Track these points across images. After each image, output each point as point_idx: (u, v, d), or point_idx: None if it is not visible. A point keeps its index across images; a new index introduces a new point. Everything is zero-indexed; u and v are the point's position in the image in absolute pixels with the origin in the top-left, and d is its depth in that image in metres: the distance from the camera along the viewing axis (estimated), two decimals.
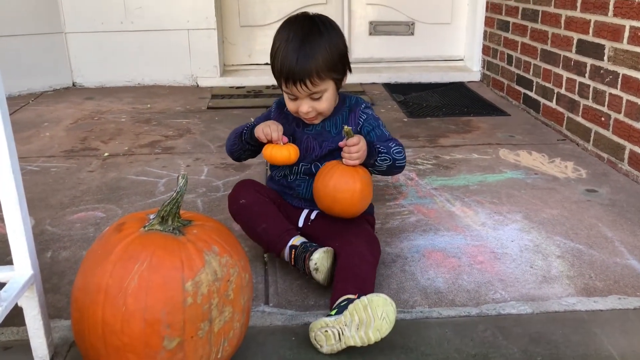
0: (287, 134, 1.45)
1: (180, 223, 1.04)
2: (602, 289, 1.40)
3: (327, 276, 1.33)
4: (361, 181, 1.36)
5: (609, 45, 2.23)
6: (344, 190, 1.35)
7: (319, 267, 1.31)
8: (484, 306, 1.33)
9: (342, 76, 1.43)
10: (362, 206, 1.39)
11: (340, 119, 1.48)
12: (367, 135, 1.47)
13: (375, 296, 1.12)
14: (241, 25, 3.75)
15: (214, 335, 0.99)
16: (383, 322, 1.10)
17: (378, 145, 1.43)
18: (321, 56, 1.34)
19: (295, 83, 1.35)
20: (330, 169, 1.38)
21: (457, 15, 3.84)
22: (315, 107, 1.40)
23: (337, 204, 1.37)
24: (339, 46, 1.40)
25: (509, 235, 1.66)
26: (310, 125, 1.48)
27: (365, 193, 1.38)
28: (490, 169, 2.18)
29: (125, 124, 2.79)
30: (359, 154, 1.36)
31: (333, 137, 1.47)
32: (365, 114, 1.49)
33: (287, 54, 1.35)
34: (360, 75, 3.68)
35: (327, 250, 1.33)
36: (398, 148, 1.46)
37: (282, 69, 1.35)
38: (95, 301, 0.95)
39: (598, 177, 2.10)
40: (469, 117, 2.89)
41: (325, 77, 1.37)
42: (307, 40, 1.35)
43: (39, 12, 3.36)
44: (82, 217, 1.78)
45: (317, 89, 1.37)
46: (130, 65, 3.56)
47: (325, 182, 1.37)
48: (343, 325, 1.11)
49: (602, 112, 2.28)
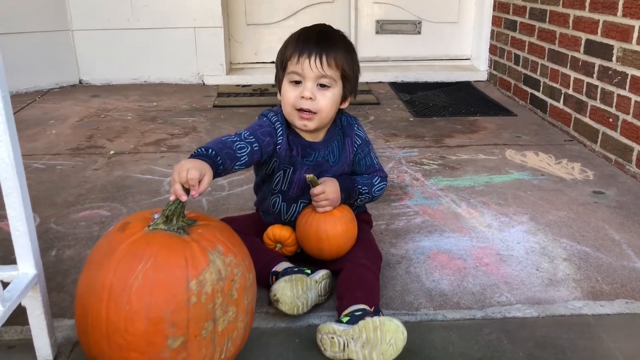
0: (286, 163, 1.37)
1: (185, 222, 1.03)
2: (609, 293, 1.38)
3: (297, 306, 1.23)
4: (341, 223, 1.34)
5: (617, 46, 2.21)
6: (327, 238, 1.33)
7: (279, 297, 1.21)
8: (489, 309, 1.32)
9: (350, 89, 1.36)
10: (348, 246, 1.37)
11: (337, 146, 1.41)
12: (357, 163, 1.44)
13: (388, 320, 1.10)
14: (247, 24, 3.75)
15: (218, 335, 0.98)
16: (390, 347, 1.08)
17: (360, 186, 1.40)
18: (341, 48, 1.31)
19: (310, 56, 1.26)
20: (307, 219, 1.35)
21: (464, 15, 3.82)
22: (318, 98, 1.29)
23: (325, 253, 1.36)
24: (356, 61, 1.36)
25: (515, 237, 1.65)
26: (310, 156, 1.38)
27: (348, 234, 1.35)
28: (497, 169, 2.17)
29: (131, 122, 2.79)
30: (327, 201, 1.33)
31: (331, 167, 1.40)
32: (359, 138, 1.43)
33: (304, 37, 1.30)
34: (367, 74, 3.65)
35: (292, 278, 1.24)
36: (381, 185, 1.44)
37: (297, 45, 1.28)
38: (99, 300, 0.94)
39: (605, 179, 2.09)
40: (475, 117, 2.87)
41: (339, 66, 1.30)
42: (329, 31, 1.33)
43: (45, 9, 3.37)
44: (87, 216, 1.78)
45: (330, 72, 1.29)
46: (137, 63, 3.57)
47: (306, 234, 1.36)
48: (350, 338, 1.10)
49: (610, 113, 2.26)
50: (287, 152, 1.36)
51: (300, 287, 1.24)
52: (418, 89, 3.46)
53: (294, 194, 1.41)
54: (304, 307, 1.25)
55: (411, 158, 2.29)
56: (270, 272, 1.33)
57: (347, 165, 1.43)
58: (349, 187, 1.38)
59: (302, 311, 1.25)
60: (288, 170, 1.38)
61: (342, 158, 1.42)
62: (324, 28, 1.35)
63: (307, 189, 1.37)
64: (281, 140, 1.34)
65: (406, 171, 2.14)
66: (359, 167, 1.44)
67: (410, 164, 2.21)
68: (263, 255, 1.37)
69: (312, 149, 1.39)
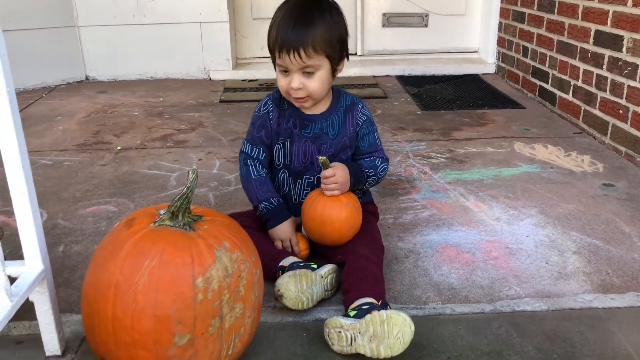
0: (284, 135, 1.43)
1: (191, 218, 1.03)
2: (619, 286, 1.37)
3: (301, 301, 1.23)
4: (346, 209, 1.34)
5: (628, 36, 2.18)
6: (330, 223, 1.33)
7: (283, 293, 1.22)
8: (498, 303, 1.31)
9: (338, 58, 1.37)
10: (351, 233, 1.37)
11: (337, 120, 1.44)
12: (361, 139, 1.46)
13: (395, 314, 1.09)
14: (253, 18, 3.73)
15: (225, 331, 0.98)
16: (397, 341, 1.08)
17: (366, 170, 1.43)
18: (319, 29, 1.30)
19: (289, 52, 1.30)
20: (313, 201, 1.36)
21: (472, 7, 3.79)
22: (307, 85, 1.34)
23: (326, 237, 1.36)
24: (339, 28, 1.36)
25: (524, 230, 1.64)
26: (308, 127, 1.43)
27: (352, 220, 1.35)
28: (505, 162, 2.15)
29: (138, 118, 2.79)
30: (337, 184, 1.33)
31: (331, 140, 1.43)
32: (364, 115, 1.47)
33: (284, 22, 1.31)
34: (374, 67, 3.65)
35: (296, 274, 1.24)
36: (383, 166, 1.47)
37: (277, 36, 1.31)
38: (105, 297, 0.94)
39: (615, 171, 2.06)
40: (483, 109, 2.85)
41: (320, 51, 1.31)
42: (307, 12, 1.32)
43: (52, 5, 3.37)
44: (95, 211, 1.78)
45: (311, 62, 1.31)
46: (143, 59, 3.56)
47: (310, 216, 1.36)
48: (357, 332, 1.10)
49: (620, 105, 2.23)
50: (283, 124, 1.43)
51: (304, 282, 1.24)
52: (425, 82, 3.44)
53: (296, 166, 1.44)
54: (309, 302, 1.25)
55: (419, 151, 2.27)
56: (277, 267, 1.33)
57: (349, 139, 1.45)
58: (358, 172, 1.41)
59: (306, 306, 1.25)
60: (286, 143, 1.43)
61: (343, 131, 1.45)
62: (302, 10, 1.33)
63: (310, 164, 1.43)
64: (272, 116, 1.43)
65: (414, 165, 2.13)
66: (362, 143, 1.47)
67: (417, 158, 2.20)
68: (270, 249, 1.38)
69: (310, 121, 1.43)
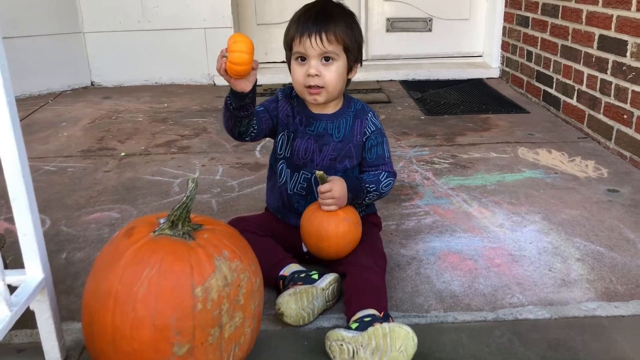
0: (288, 130, 1.43)
1: (191, 227, 1.03)
2: (623, 294, 1.36)
3: (302, 317, 1.23)
4: (343, 224, 1.32)
5: (632, 41, 2.17)
6: (327, 238, 1.32)
7: (284, 311, 1.22)
8: (500, 311, 1.30)
9: (354, 58, 1.38)
10: (349, 249, 1.35)
11: (345, 123, 1.43)
12: (369, 150, 1.44)
13: (397, 327, 1.08)
14: (258, 24, 3.74)
15: (225, 341, 0.98)
16: (400, 354, 1.07)
17: (367, 185, 1.39)
18: (340, 23, 1.33)
19: (310, 35, 1.31)
20: (310, 216, 1.35)
21: (476, 11, 3.78)
22: (323, 73, 1.33)
23: (323, 252, 1.35)
24: (357, 30, 1.38)
25: (527, 236, 1.63)
26: (312, 125, 1.42)
27: (349, 236, 1.34)
28: (509, 168, 2.14)
29: (142, 124, 2.80)
30: (333, 200, 1.32)
31: (335, 144, 1.41)
32: (374, 125, 1.44)
33: (304, 17, 1.34)
34: (378, 72, 3.65)
35: (296, 292, 1.23)
36: (387, 181, 1.43)
37: (298, 26, 1.33)
38: (105, 306, 0.94)
39: (620, 177, 2.05)
40: (487, 114, 2.84)
41: (340, 40, 1.33)
42: (328, 10, 1.35)
43: (57, 12, 3.39)
44: (98, 218, 1.79)
45: (331, 48, 1.32)
46: (148, 65, 3.58)
47: (307, 231, 1.35)
48: (359, 345, 1.09)
49: (625, 110, 2.22)
50: (290, 119, 1.43)
51: (305, 298, 1.23)
52: (429, 86, 3.44)
53: (296, 161, 1.43)
54: (310, 316, 1.25)
55: (422, 157, 2.27)
56: (278, 276, 1.32)
57: (354, 147, 1.43)
58: (357, 187, 1.38)
59: (308, 321, 1.25)
60: (290, 136, 1.43)
61: (349, 137, 1.43)
62: (324, 5, 1.37)
63: (310, 161, 1.42)
64: (282, 102, 1.44)
65: (417, 170, 2.12)
66: (369, 155, 1.44)
67: (421, 163, 2.20)
68: (272, 256, 1.37)
69: (315, 119, 1.43)
